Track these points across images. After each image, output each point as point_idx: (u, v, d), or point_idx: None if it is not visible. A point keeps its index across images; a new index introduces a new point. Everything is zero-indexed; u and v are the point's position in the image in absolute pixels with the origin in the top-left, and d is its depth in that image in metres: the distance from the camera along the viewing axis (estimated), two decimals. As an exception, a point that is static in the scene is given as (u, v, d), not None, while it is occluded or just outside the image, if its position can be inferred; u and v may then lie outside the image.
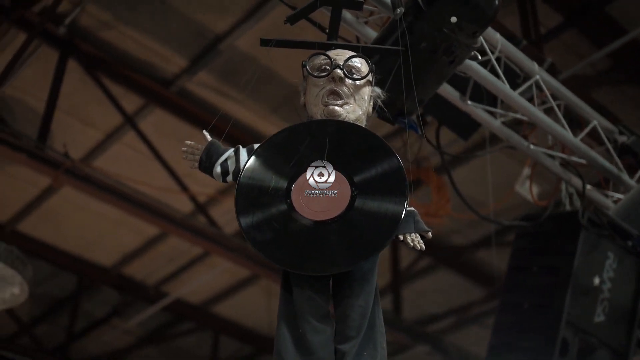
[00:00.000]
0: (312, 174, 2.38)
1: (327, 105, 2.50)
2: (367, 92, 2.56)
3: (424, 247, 2.43)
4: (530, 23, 5.69)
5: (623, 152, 5.07)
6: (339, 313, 2.39)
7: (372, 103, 2.61)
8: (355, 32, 4.00)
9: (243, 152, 2.56)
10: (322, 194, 2.35)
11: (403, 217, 2.32)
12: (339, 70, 2.50)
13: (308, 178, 2.37)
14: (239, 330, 9.36)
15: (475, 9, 3.51)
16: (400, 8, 3.54)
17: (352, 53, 2.57)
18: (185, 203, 7.45)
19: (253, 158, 2.44)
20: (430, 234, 2.45)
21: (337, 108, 2.49)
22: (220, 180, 2.59)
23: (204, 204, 7.51)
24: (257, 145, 2.50)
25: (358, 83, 2.53)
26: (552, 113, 4.78)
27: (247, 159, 2.47)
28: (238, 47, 6.31)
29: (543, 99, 4.76)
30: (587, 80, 6.13)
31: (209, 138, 2.64)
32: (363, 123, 2.55)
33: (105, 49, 6.49)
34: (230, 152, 2.58)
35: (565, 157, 5.01)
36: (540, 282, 4.86)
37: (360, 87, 2.54)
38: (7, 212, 7.97)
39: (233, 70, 6.50)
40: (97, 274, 8.69)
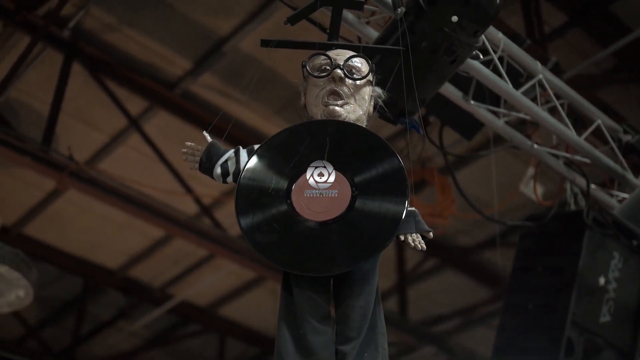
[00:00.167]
0: (312, 174, 2.37)
1: (327, 106, 2.49)
2: (367, 92, 2.55)
3: (425, 247, 2.42)
4: (534, 22, 5.67)
5: (627, 151, 5.05)
6: (340, 314, 2.38)
7: (372, 103, 2.59)
8: (357, 32, 3.99)
9: (243, 153, 2.55)
10: (322, 194, 2.34)
11: (404, 217, 2.31)
12: (339, 70, 2.49)
13: (308, 178, 2.36)
14: (245, 332, 9.35)
15: (477, 8, 3.49)
16: (401, 8, 3.53)
17: (352, 53, 2.56)
18: (190, 205, 7.46)
19: (253, 159, 2.44)
20: (432, 234, 2.44)
21: (337, 108, 2.48)
22: (221, 181, 2.58)
23: (209, 206, 7.51)
24: (257, 146, 2.49)
25: (358, 83, 2.51)
26: (555, 112, 4.77)
27: (247, 160, 2.47)
28: (242, 48, 6.31)
29: (547, 98, 4.74)
30: (591, 80, 6.10)
31: (209, 139, 2.64)
32: (364, 123, 2.53)
33: (110, 52, 6.49)
34: (231, 153, 2.57)
35: (569, 156, 4.99)
36: (545, 282, 4.83)
37: (361, 87, 2.53)
38: (12, 215, 7.98)
39: (237, 72, 6.50)
40: (102, 277, 8.70)
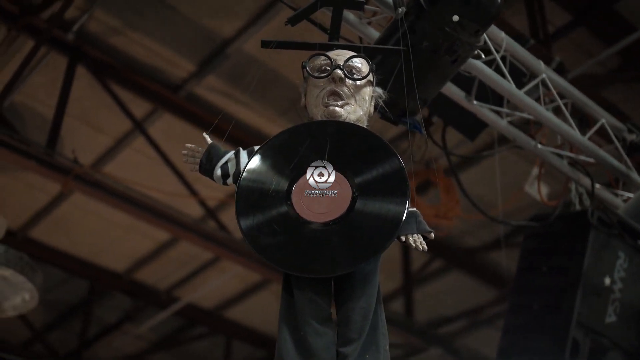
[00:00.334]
0: (312, 174, 2.36)
1: (327, 106, 2.48)
2: (368, 92, 2.54)
3: (427, 248, 2.41)
4: (539, 22, 5.65)
5: (632, 150, 5.02)
6: (341, 315, 2.37)
7: (373, 103, 2.58)
8: (359, 33, 3.97)
9: (243, 154, 2.55)
10: (322, 194, 2.33)
11: (404, 217, 2.30)
12: (339, 71, 2.48)
13: (308, 178, 2.35)
14: (251, 335, 9.35)
15: (477, 7, 3.47)
16: (402, 7, 3.51)
17: (352, 53, 2.54)
18: (195, 208, 7.46)
19: (253, 160, 2.43)
20: (433, 235, 2.43)
21: (337, 109, 2.47)
22: (221, 183, 2.58)
23: (214, 209, 7.51)
24: (257, 147, 2.48)
25: (359, 83, 2.50)
26: (559, 112, 4.74)
27: (247, 161, 2.46)
28: (245, 50, 6.31)
29: (551, 98, 4.72)
30: (596, 79, 6.08)
31: (209, 140, 2.64)
32: (364, 123, 2.52)
33: (114, 55, 6.50)
34: (231, 154, 2.56)
35: (574, 156, 4.96)
36: (550, 282, 4.81)
37: (361, 87, 2.51)
38: (18, 219, 7.99)
39: (241, 74, 6.50)
40: (108, 280, 8.71)
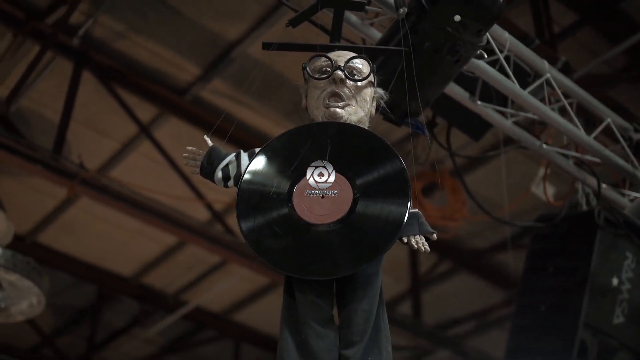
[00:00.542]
0: (312, 174, 2.35)
1: (328, 108, 2.47)
2: (369, 93, 2.53)
3: (429, 249, 2.40)
4: (544, 22, 5.62)
5: (639, 149, 4.99)
6: (343, 317, 2.36)
7: (374, 104, 2.57)
8: (361, 34, 3.96)
9: (244, 156, 2.54)
10: (322, 195, 2.32)
11: (406, 219, 2.29)
12: (340, 72, 2.47)
13: (308, 178, 2.34)
14: (260, 338, 9.34)
15: (479, 7, 3.45)
16: (403, 8, 3.50)
17: (353, 54, 2.53)
18: (202, 211, 7.46)
19: (254, 162, 2.42)
20: (435, 236, 2.42)
21: (338, 110, 2.46)
22: (222, 186, 2.57)
23: (221, 212, 7.51)
24: (258, 149, 2.48)
25: (359, 84, 2.50)
26: (565, 112, 4.72)
27: (248, 164, 2.45)
28: (250, 54, 6.31)
29: (556, 98, 4.70)
30: (602, 79, 6.05)
31: (210, 143, 2.63)
32: (365, 125, 2.52)
33: (119, 59, 6.51)
34: (232, 156, 2.55)
35: (579, 156, 4.93)
36: (557, 283, 4.79)
37: (362, 88, 2.50)
38: (26, 224, 8.01)
39: (246, 77, 6.50)
40: (116, 284, 8.72)
